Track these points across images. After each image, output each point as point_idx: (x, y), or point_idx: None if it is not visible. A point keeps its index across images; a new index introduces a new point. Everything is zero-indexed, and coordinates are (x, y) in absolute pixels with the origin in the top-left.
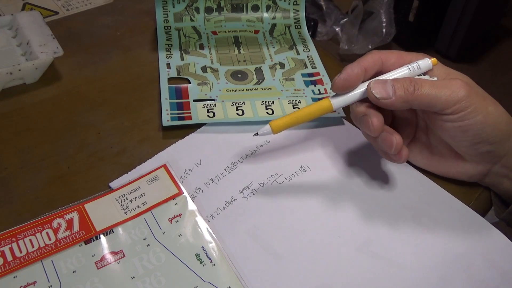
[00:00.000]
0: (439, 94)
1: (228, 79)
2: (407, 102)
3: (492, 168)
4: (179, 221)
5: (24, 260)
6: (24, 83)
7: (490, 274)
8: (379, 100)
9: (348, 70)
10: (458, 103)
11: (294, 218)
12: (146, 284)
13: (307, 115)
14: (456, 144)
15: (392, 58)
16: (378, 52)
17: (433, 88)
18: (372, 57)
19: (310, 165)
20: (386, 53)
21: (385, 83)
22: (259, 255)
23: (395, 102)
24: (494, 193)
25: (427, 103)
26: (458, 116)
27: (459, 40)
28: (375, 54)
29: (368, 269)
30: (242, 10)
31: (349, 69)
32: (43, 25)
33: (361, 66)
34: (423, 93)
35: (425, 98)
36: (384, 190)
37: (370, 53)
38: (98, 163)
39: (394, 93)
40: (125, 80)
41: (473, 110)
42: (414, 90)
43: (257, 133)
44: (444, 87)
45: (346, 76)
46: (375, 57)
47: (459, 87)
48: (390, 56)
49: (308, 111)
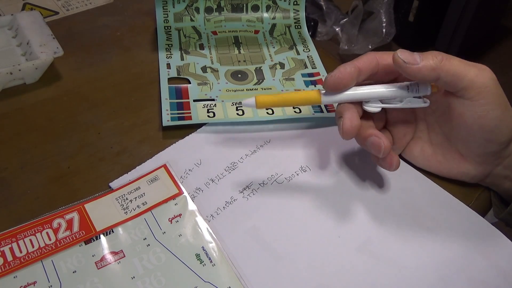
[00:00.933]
0: (467, 70)
1: (228, 79)
2: (434, 70)
3: (494, 169)
4: (179, 221)
5: (24, 260)
6: (24, 83)
7: (490, 274)
8: (406, 65)
9: (341, 69)
10: (482, 87)
11: (294, 218)
12: (146, 284)
13: (293, 99)
14: (469, 139)
15: (388, 59)
16: (374, 53)
17: (462, 63)
18: (368, 58)
19: (310, 165)
20: (382, 54)
21: (412, 53)
22: (259, 255)
23: (422, 69)
24: (494, 193)
25: (453, 75)
26: (479, 104)
27: (459, 40)
28: (371, 55)
29: (368, 269)
30: (242, 10)
31: (342, 67)
32: (43, 25)
33: (355, 65)
34: (452, 63)
35: (452, 69)
36: (384, 190)
37: (366, 54)
38: (98, 163)
39: (422, 59)
40: (125, 80)
41: (494, 101)
42: (442, 59)
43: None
44: (474, 67)
45: (339, 74)
46: (370, 57)
47: (488, 72)
48: (386, 57)
49: (295, 96)
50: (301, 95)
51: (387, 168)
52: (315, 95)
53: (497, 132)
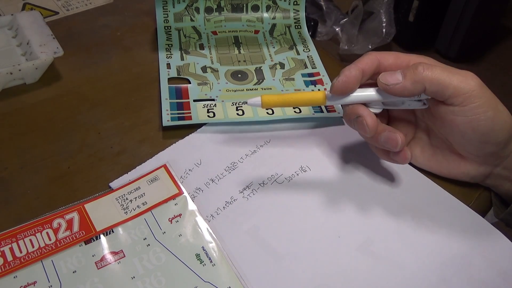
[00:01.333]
0: (451, 78)
1: (228, 79)
2: (418, 83)
3: (494, 170)
4: (179, 221)
5: (24, 260)
6: (24, 83)
7: (490, 274)
8: (390, 87)
9: (346, 73)
10: (469, 92)
11: (294, 218)
12: (146, 284)
13: (298, 100)
14: (464, 142)
15: (389, 59)
16: (375, 53)
17: (444, 72)
18: (369, 58)
19: (310, 165)
20: (384, 54)
21: (394, 72)
22: (259, 255)
23: (406, 84)
24: (495, 193)
25: (438, 84)
26: (469, 108)
27: (459, 40)
28: (372, 55)
29: (368, 269)
30: (242, 10)
31: (347, 71)
32: (43, 25)
33: (358, 67)
34: (434, 72)
35: (435, 78)
36: (384, 190)
37: (367, 54)
38: (98, 163)
39: (404, 76)
40: (125, 80)
41: (484, 104)
42: (423, 70)
43: (247, 102)
44: (457, 73)
45: (345, 79)
46: (372, 58)
47: (472, 77)
48: (388, 57)
49: (301, 96)
50: (307, 95)
51: (402, 161)
52: (320, 96)
53: (491, 133)
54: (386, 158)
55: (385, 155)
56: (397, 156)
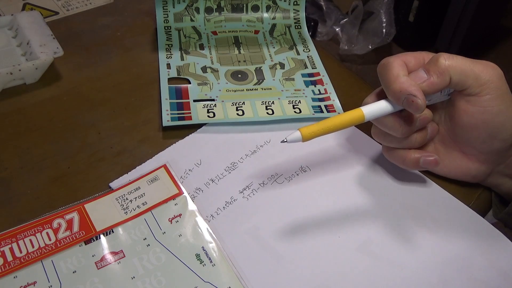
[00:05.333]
0: (473, 66)
1: (228, 79)
2: (443, 74)
3: (496, 168)
4: (179, 221)
5: (24, 260)
6: (24, 83)
7: (490, 274)
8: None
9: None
10: (487, 83)
11: (294, 218)
12: (146, 284)
13: (338, 124)
14: (472, 136)
15: (411, 60)
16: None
17: (466, 61)
18: (398, 63)
19: (310, 165)
20: (405, 56)
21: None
22: (259, 255)
23: (433, 79)
24: (495, 193)
25: (461, 73)
26: (484, 99)
27: (459, 40)
28: (398, 59)
29: (368, 269)
30: (242, 10)
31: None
32: (43, 25)
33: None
34: (457, 62)
35: (459, 68)
36: (384, 190)
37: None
38: (98, 163)
39: (427, 71)
40: (125, 80)
41: (500, 96)
42: (445, 60)
43: (286, 139)
44: (478, 63)
45: (421, 96)
46: (399, 62)
47: (493, 67)
48: (409, 58)
49: (340, 120)
50: (346, 117)
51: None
52: (360, 114)
53: (501, 128)
54: (415, 166)
55: (415, 164)
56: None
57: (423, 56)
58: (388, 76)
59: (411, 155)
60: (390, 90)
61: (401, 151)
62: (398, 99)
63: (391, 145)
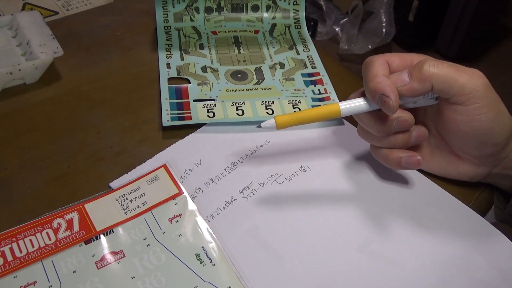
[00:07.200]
0: (457, 75)
1: (228, 79)
2: (424, 81)
3: (492, 170)
4: (179, 221)
5: (24, 260)
6: (24, 83)
7: (490, 274)
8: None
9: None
10: (473, 92)
11: (294, 218)
12: (146, 284)
13: (313, 116)
14: (463, 143)
15: (395, 60)
16: (381, 56)
17: (451, 69)
18: (380, 63)
19: (310, 165)
20: (389, 56)
21: (400, 73)
22: (259, 255)
23: (413, 84)
24: (497, 195)
25: (444, 82)
26: (471, 108)
27: (459, 40)
28: (381, 59)
29: (368, 269)
30: (242, 10)
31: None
32: (43, 25)
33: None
34: (441, 70)
35: (442, 77)
36: (384, 190)
37: (375, 60)
38: (98, 163)
39: (410, 75)
40: (125, 80)
41: (486, 105)
42: (429, 68)
43: (260, 125)
44: (463, 71)
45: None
46: (381, 61)
47: (479, 76)
48: (393, 58)
49: (315, 112)
50: (321, 110)
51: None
52: (336, 109)
53: (491, 134)
54: (397, 166)
55: (397, 163)
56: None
57: (411, 57)
58: (367, 74)
59: (394, 154)
60: (367, 88)
61: (384, 150)
62: (373, 98)
63: (373, 143)
